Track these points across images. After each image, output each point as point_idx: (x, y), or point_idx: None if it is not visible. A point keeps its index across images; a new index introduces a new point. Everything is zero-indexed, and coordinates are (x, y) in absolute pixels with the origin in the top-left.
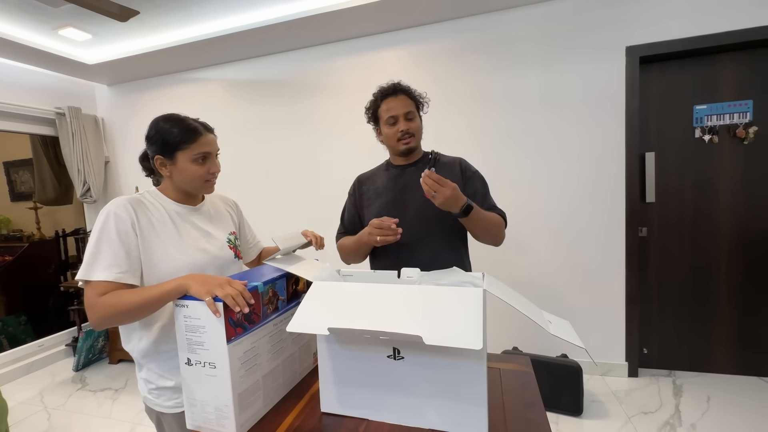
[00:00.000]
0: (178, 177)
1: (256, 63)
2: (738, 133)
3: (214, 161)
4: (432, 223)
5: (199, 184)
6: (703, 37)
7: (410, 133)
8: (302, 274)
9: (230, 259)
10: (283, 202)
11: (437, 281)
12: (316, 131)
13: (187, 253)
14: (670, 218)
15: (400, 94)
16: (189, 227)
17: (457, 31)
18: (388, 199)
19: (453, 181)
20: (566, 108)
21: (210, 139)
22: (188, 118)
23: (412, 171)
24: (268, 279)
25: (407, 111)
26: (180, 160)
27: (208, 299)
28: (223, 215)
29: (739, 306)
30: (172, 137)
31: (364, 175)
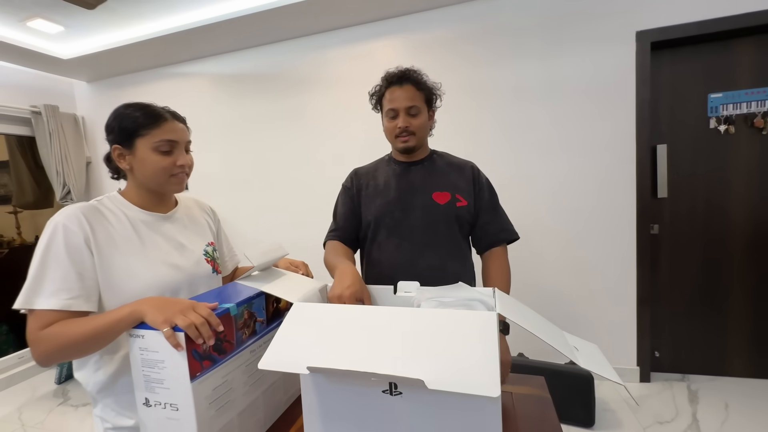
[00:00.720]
0: (139, 170)
1: (243, 55)
2: (756, 123)
3: (183, 153)
4: (439, 228)
5: (163, 178)
6: (718, 20)
7: (410, 131)
8: (281, 293)
9: (207, 274)
10: (274, 204)
11: (440, 299)
12: (309, 127)
13: (155, 269)
14: (682, 214)
15: (406, 84)
16: (158, 238)
17: (452, 18)
18: (390, 198)
19: (462, 185)
20: (571, 100)
21: (177, 127)
22: (154, 105)
23: (418, 170)
24: (243, 299)
25: (410, 105)
26: (140, 148)
27: (166, 330)
28: (199, 223)
29: (755, 305)
30: (131, 121)
31: (363, 168)
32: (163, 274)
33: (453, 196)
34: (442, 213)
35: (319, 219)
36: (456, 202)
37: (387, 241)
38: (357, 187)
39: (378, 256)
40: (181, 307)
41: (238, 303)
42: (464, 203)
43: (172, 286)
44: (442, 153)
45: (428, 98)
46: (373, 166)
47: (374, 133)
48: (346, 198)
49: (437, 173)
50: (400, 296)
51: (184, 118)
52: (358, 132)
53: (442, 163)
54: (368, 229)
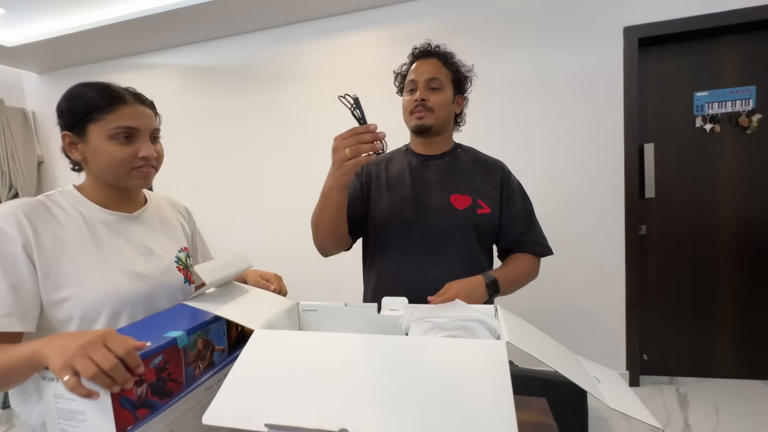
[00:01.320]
0: (93, 162)
1: (212, 46)
2: (741, 122)
3: (147, 143)
4: (454, 237)
5: (121, 171)
6: (705, 17)
7: (427, 106)
8: (239, 317)
9: (178, 284)
10: (246, 205)
11: (433, 320)
12: (282, 124)
13: (112, 278)
14: (669, 214)
15: (431, 58)
16: (120, 242)
17: (438, 10)
18: (402, 196)
19: (487, 189)
20: (560, 95)
21: (139, 112)
22: (115, 84)
23: (437, 165)
24: (195, 324)
25: (431, 77)
26: (93, 135)
27: (68, 378)
28: (171, 226)
29: (743, 304)
30: (82, 103)
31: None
32: (121, 284)
33: (474, 201)
34: (460, 220)
35: (293, 221)
36: (477, 209)
37: (392, 246)
38: (367, 174)
39: (380, 261)
40: (84, 343)
41: (188, 330)
42: (487, 210)
43: (132, 297)
44: (469, 148)
45: (457, 79)
46: (389, 154)
47: None
48: (354, 182)
49: (459, 172)
50: (385, 315)
51: (152, 101)
52: (337, 130)
53: (466, 160)
54: (374, 229)
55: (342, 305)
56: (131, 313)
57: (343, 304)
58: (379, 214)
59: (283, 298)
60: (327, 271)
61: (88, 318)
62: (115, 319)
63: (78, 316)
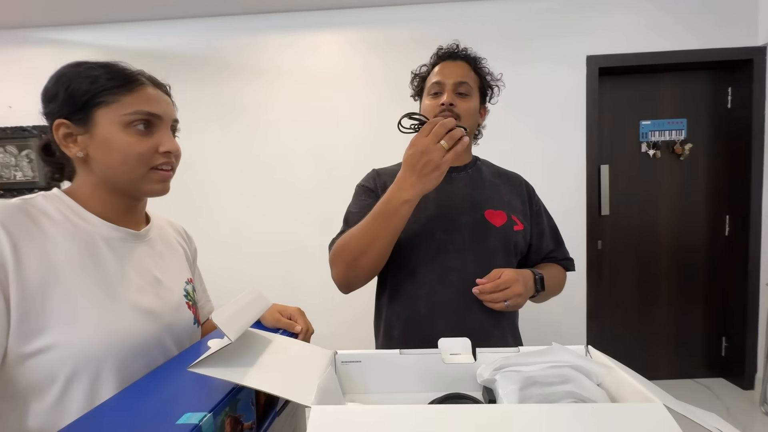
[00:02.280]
0: (100, 158)
1: (152, 28)
2: (676, 149)
3: (169, 134)
4: (496, 257)
5: (139, 171)
6: (651, 54)
7: (455, 112)
8: (284, 389)
9: (188, 325)
10: (193, 213)
11: (520, 368)
12: (238, 125)
13: (122, 318)
14: (621, 231)
15: (459, 61)
16: (128, 268)
17: (411, 18)
18: (430, 213)
19: (518, 205)
20: (530, 114)
21: (160, 97)
22: (123, 63)
23: (463, 178)
24: (221, 398)
25: (460, 81)
26: (102, 123)
27: None
28: (175, 250)
29: (674, 313)
30: (88, 82)
31: (387, 169)
32: (130, 325)
33: (509, 217)
34: (499, 238)
35: (251, 233)
36: (513, 226)
37: (426, 271)
38: (383, 190)
39: (413, 290)
40: None
41: (214, 408)
42: (521, 227)
43: (144, 344)
44: (485, 161)
45: (483, 87)
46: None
47: (325, 139)
48: (366, 198)
49: (487, 186)
50: (451, 364)
51: (168, 86)
52: (302, 134)
53: (488, 173)
54: (397, 252)
55: (393, 353)
56: (134, 365)
57: (395, 352)
58: (405, 235)
59: (318, 350)
60: (289, 292)
61: (79, 376)
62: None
63: (65, 374)
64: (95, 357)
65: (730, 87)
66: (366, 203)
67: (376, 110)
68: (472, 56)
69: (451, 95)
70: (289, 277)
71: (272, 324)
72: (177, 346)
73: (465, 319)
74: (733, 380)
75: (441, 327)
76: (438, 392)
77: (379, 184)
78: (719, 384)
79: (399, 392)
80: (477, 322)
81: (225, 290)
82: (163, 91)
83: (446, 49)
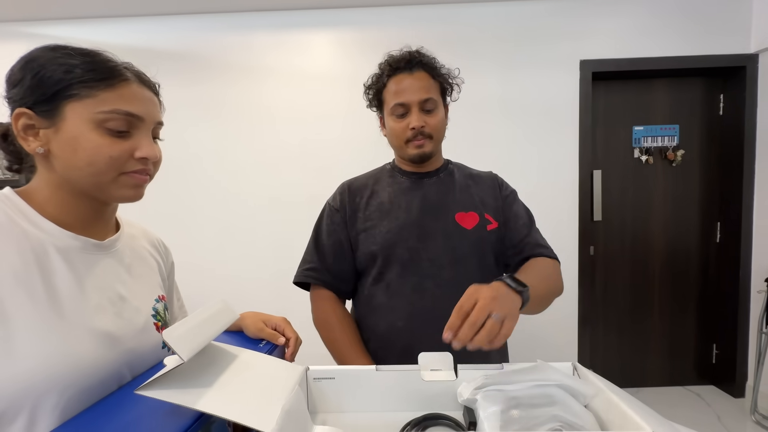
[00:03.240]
0: (63, 157)
1: (138, 24)
2: (668, 156)
3: (149, 138)
4: (470, 262)
5: (108, 175)
6: (644, 60)
7: (426, 133)
8: (238, 413)
9: (155, 351)
10: (174, 215)
11: (503, 387)
12: (224, 124)
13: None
14: (613, 237)
15: (417, 71)
16: (86, 282)
17: (406, 19)
18: (405, 221)
19: (489, 201)
20: (523, 118)
21: (144, 96)
22: (107, 53)
23: (434, 184)
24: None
25: (425, 98)
26: (70, 118)
27: None
28: (147, 264)
29: (666, 320)
30: (62, 71)
31: (357, 180)
32: (86, 353)
33: (481, 216)
34: (472, 241)
35: (237, 234)
36: (486, 225)
37: (401, 281)
38: (351, 209)
39: (387, 301)
40: None
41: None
42: (494, 225)
43: (98, 374)
44: (458, 164)
45: (443, 89)
46: (371, 177)
47: (310, 140)
48: (333, 224)
49: (457, 188)
50: (431, 381)
51: (157, 85)
52: (292, 134)
53: (460, 175)
54: (371, 265)
55: (369, 369)
56: (85, 400)
57: (371, 368)
58: (378, 246)
59: (289, 366)
60: (276, 294)
61: (10, 417)
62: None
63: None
64: (33, 392)
65: (722, 94)
66: (334, 229)
67: (367, 111)
68: (428, 62)
69: (419, 116)
70: (277, 280)
71: (254, 334)
72: (142, 373)
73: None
74: (724, 388)
75: (419, 337)
76: (416, 411)
77: (348, 201)
78: (710, 391)
79: (374, 411)
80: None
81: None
82: (151, 90)
83: (400, 58)
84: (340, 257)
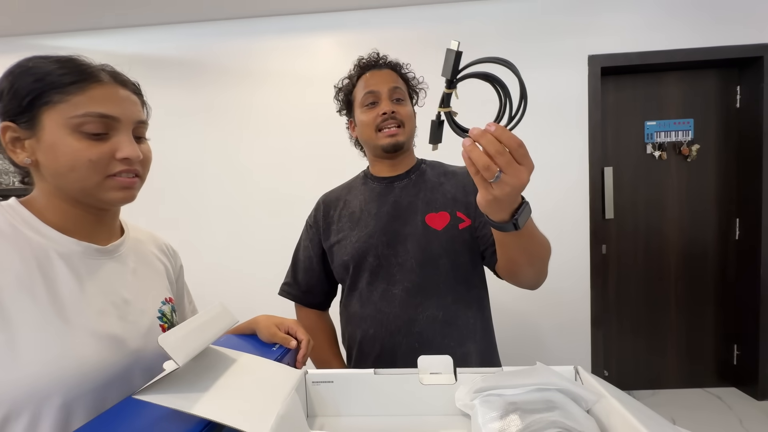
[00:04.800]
0: (48, 166)
1: (148, 33)
2: (683, 150)
3: (129, 138)
4: (439, 264)
5: (92, 179)
6: (655, 53)
7: (398, 119)
8: (233, 417)
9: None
10: (192, 224)
11: (503, 392)
12: (229, 129)
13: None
14: (626, 235)
15: (384, 68)
16: (89, 287)
17: (409, 19)
18: (371, 229)
19: (460, 197)
20: (531, 116)
21: (119, 96)
22: (83, 57)
23: (404, 186)
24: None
25: (394, 86)
26: (47, 126)
27: None
28: (154, 268)
29: (684, 320)
30: (34, 79)
31: (332, 193)
32: (90, 355)
33: (453, 215)
34: (442, 242)
35: (245, 239)
36: (458, 224)
37: (370, 288)
38: (325, 223)
39: (359, 310)
40: None
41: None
42: (467, 222)
43: (104, 376)
44: (434, 162)
45: (409, 91)
46: (345, 187)
47: (315, 144)
48: (307, 239)
49: (429, 187)
50: (429, 385)
51: (137, 84)
52: (298, 138)
53: (433, 174)
54: (345, 275)
55: (367, 373)
56: (90, 401)
57: (369, 371)
58: (349, 256)
59: (288, 370)
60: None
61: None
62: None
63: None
64: (37, 395)
65: (738, 86)
66: (308, 247)
67: None
68: (396, 63)
69: (389, 103)
70: None
71: (268, 339)
72: (146, 378)
73: (412, 334)
74: (746, 390)
75: (390, 344)
76: (414, 415)
77: (321, 217)
78: (731, 394)
79: (373, 415)
80: (425, 335)
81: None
82: (130, 90)
83: (368, 59)
84: (309, 272)
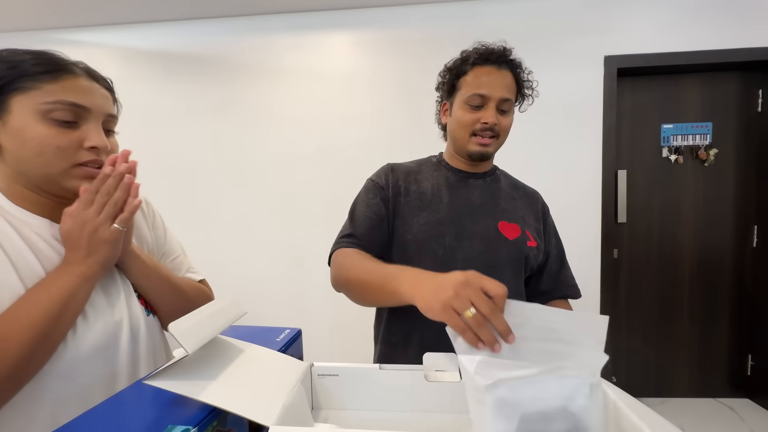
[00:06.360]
0: (13, 150)
1: (163, 29)
2: (700, 155)
3: (99, 128)
4: (504, 271)
5: (57, 167)
6: (674, 54)
7: (496, 131)
8: (240, 406)
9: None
10: (198, 224)
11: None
12: (244, 124)
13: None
14: (638, 239)
15: (505, 69)
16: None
17: (423, 18)
18: (442, 216)
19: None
20: (544, 117)
21: (91, 88)
22: (58, 52)
23: (480, 186)
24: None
25: (505, 98)
26: (16, 110)
27: None
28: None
29: (696, 327)
30: (5, 69)
31: (402, 165)
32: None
33: (523, 231)
34: (512, 252)
35: (258, 237)
36: (527, 241)
37: None
38: (394, 188)
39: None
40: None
41: (199, 424)
42: (534, 244)
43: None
44: (504, 171)
45: (519, 95)
46: (415, 165)
47: (329, 140)
48: (374, 197)
49: (503, 197)
50: (435, 382)
51: (109, 80)
52: (312, 135)
53: (506, 184)
54: (402, 253)
55: (373, 368)
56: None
57: (375, 366)
58: (412, 236)
59: (295, 362)
60: (290, 292)
61: None
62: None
63: None
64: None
65: (761, 89)
66: (374, 202)
67: (387, 111)
68: (517, 64)
69: (494, 113)
70: (296, 281)
71: None
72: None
73: None
74: (760, 402)
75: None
76: (419, 411)
77: (392, 181)
78: (744, 405)
79: (377, 410)
80: None
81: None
82: (102, 85)
83: (492, 50)
84: (377, 228)
